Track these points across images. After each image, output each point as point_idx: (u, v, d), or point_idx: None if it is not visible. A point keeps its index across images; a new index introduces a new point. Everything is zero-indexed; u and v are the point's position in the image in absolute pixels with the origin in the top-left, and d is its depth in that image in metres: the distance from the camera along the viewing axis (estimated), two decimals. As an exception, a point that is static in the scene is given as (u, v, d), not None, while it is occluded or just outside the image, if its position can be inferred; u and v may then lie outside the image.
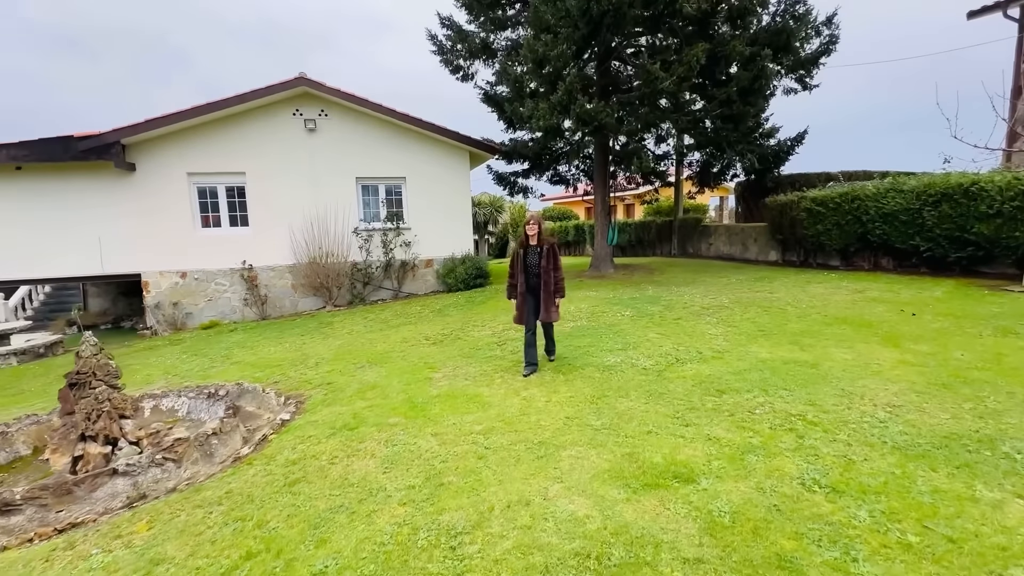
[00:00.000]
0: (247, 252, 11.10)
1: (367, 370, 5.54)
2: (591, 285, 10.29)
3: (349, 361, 6.05)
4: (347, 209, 11.57)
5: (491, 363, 5.33)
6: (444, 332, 7.20)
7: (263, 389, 5.20)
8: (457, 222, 12.48)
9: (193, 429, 4.22)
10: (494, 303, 9.44)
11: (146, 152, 10.45)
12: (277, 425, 4.13)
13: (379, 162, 11.79)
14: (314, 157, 11.34)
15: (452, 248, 12.32)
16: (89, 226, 10.31)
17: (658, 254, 17.13)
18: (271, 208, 11.16)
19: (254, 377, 5.76)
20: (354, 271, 11.63)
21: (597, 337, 5.91)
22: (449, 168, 12.29)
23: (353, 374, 5.43)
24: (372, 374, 5.34)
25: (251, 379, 5.67)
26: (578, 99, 7.93)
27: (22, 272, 10.30)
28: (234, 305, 11.15)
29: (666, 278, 10.58)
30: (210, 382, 5.48)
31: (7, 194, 9.96)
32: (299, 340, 7.87)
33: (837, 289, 7.70)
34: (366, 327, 8.39)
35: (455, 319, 8.26)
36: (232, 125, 10.84)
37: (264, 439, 3.89)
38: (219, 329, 10.12)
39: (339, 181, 11.55)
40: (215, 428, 3.97)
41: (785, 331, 5.52)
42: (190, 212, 10.80)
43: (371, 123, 11.65)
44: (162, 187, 10.57)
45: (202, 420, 4.59)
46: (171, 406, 4.91)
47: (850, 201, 9.45)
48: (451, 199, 12.37)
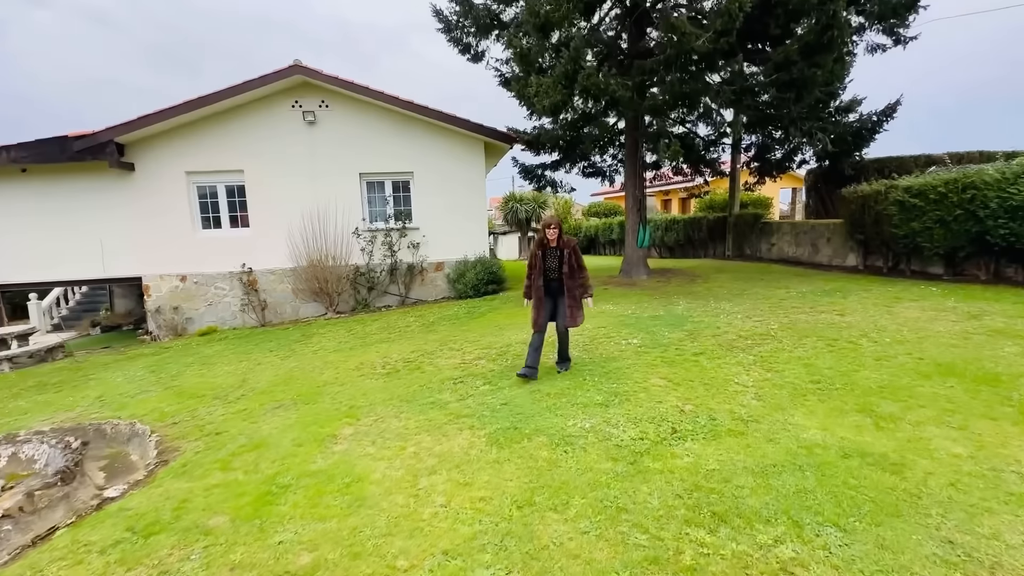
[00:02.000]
0: (247, 254, 10.46)
1: (277, 415, 4.38)
2: (614, 296, 8.63)
3: (274, 396, 4.94)
4: (349, 208, 10.64)
5: (424, 415, 3.98)
6: (411, 357, 5.94)
7: (149, 433, 4.20)
8: (471, 221, 11.20)
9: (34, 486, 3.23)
10: (493, 316, 8.07)
11: (144, 151, 10.04)
12: (91, 508, 3.03)
13: (384, 156, 10.75)
14: (315, 152, 10.49)
15: (465, 250, 11.06)
16: (92, 228, 10.08)
17: (710, 255, 14.93)
18: (271, 208, 10.45)
19: (163, 412, 4.80)
20: (356, 275, 10.69)
21: (580, 379, 4.38)
22: (462, 161, 11.02)
23: (257, 420, 4.29)
24: (276, 423, 4.16)
25: (158, 416, 4.71)
26: (584, 67, 6.34)
27: (29, 276, 10.26)
28: (234, 310, 10.58)
29: (707, 288, 8.68)
30: (100, 420, 4.56)
31: (14, 197, 9.91)
32: (260, 358, 6.94)
33: (940, 312, 5.60)
34: (338, 344, 7.32)
35: (438, 337, 6.98)
36: (229, 121, 10.21)
37: (52, 531, 2.80)
38: (211, 337, 9.52)
39: (341, 178, 10.63)
40: (19, 504, 2.94)
41: (854, 385, 3.72)
42: (189, 212, 10.31)
43: (375, 114, 10.62)
44: (161, 187, 10.14)
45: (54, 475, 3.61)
46: (31, 455, 3.99)
47: (961, 191, 7.13)
48: (464, 195, 11.10)
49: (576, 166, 13.14)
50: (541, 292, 4.74)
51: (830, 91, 7.58)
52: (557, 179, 12.99)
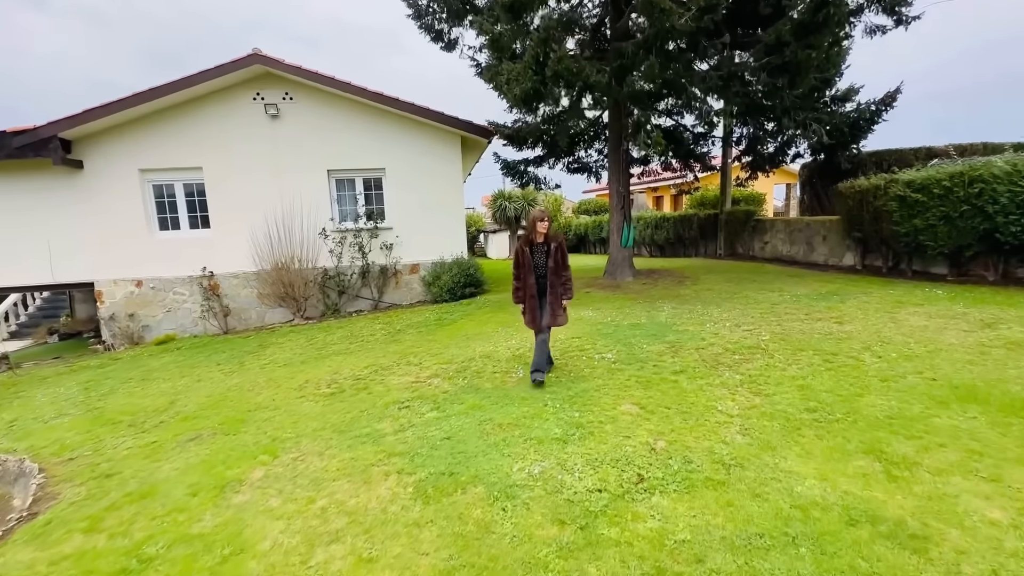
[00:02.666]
0: (208, 257, 9.80)
1: (188, 449, 3.76)
2: (595, 300, 8.04)
3: (196, 424, 4.32)
4: (317, 206, 9.99)
5: (353, 451, 3.37)
6: (362, 373, 5.32)
7: (36, 473, 3.57)
8: (447, 220, 10.58)
9: None
10: (464, 324, 7.45)
11: (94, 148, 9.35)
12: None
13: (354, 152, 10.10)
14: (279, 147, 9.83)
15: (441, 250, 10.45)
16: (37, 230, 9.39)
17: (701, 254, 14.35)
18: (234, 207, 9.78)
19: (66, 444, 4.18)
20: (325, 279, 10.05)
21: (539, 404, 3.78)
22: (437, 157, 10.39)
23: (162, 457, 3.67)
24: (180, 462, 3.54)
25: (57, 448, 4.09)
26: (555, 50, 5.73)
27: None
28: (194, 317, 9.91)
29: (695, 291, 8.09)
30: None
31: (-49, 197, 9.20)
32: (204, 373, 6.30)
33: (949, 319, 5.03)
34: (293, 356, 6.69)
35: (399, 348, 6.36)
36: (186, 115, 9.53)
37: None
38: (166, 347, 8.87)
39: (308, 174, 9.98)
40: None
41: (857, 415, 3.14)
42: (144, 213, 9.63)
43: (344, 107, 9.97)
44: (113, 186, 9.46)
45: None
46: None
47: (967, 185, 6.56)
48: (440, 193, 10.47)
49: (561, 162, 12.55)
50: (534, 290, 4.44)
51: (825, 78, 7.00)
52: (541, 175, 12.38)
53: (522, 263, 4.46)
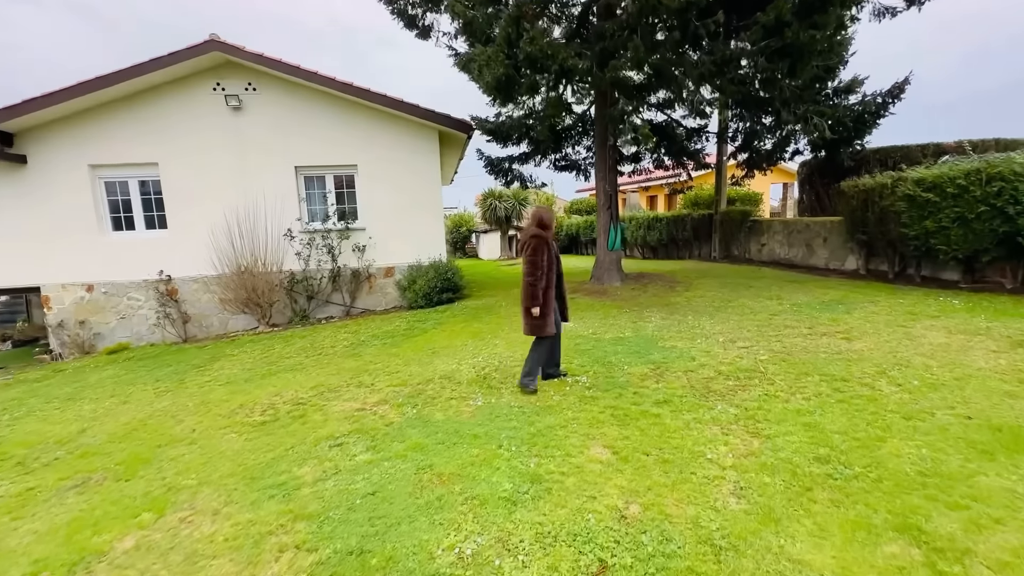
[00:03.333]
0: (166, 260, 9.10)
1: (64, 500, 3.09)
2: (578, 307, 7.39)
3: (92, 463, 3.64)
4: (283, 206, 9.30)
5: (255, 511, 2.71)
6: (305, 396, 4.66)
7: None
8: (424, 221, 9.90)
9: None
10: (434, 334, 6.79)
11: (39, 141, 8.64)
12: None
13: (325, 147, 9.42)
14: (242, 142, 9.14)
15: (418, 253, 9.78)
16: (-23, 231, 8.68)
17: (695, 256, 13.73)
18: (193, 206, 9.08)
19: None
20: (293, 283, 9.36)
21: (493, 444, 3.13)
22: (413, 153, 9.72)
23: (25, 511, 3.00)
24: (44, 520, 2.88)
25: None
26: (527, 29, 5.08)
27: None
28: (150, 324, 9.21)
29: (687, 299, 7.46)
30: None
31: None
32: (136, 392, 5.62)
33: (972, 336, 4.41)
34: (239, 372, 6.02)
35: (356, 364, 5.69)
36: (140, 107, 8.82)
37: None
38: (116, 357, 8.16)
39: (274, 171, 9.29)
40: None
41: (881, 468, 2.50)
42: (95, 212, 8.92)
43: (313, 99, 9.28)
44: (61, 182, 8.74)
45: None
46: None
47: (985, 183, 5.95)
48: (417, 191, 9.80)
49: (548, 159, 11.91)
50: (553, 292, 4.17)
51: (828, 66, 6.38)
52: (526, 173, 11.76)
53: (547, 261, 4.02)
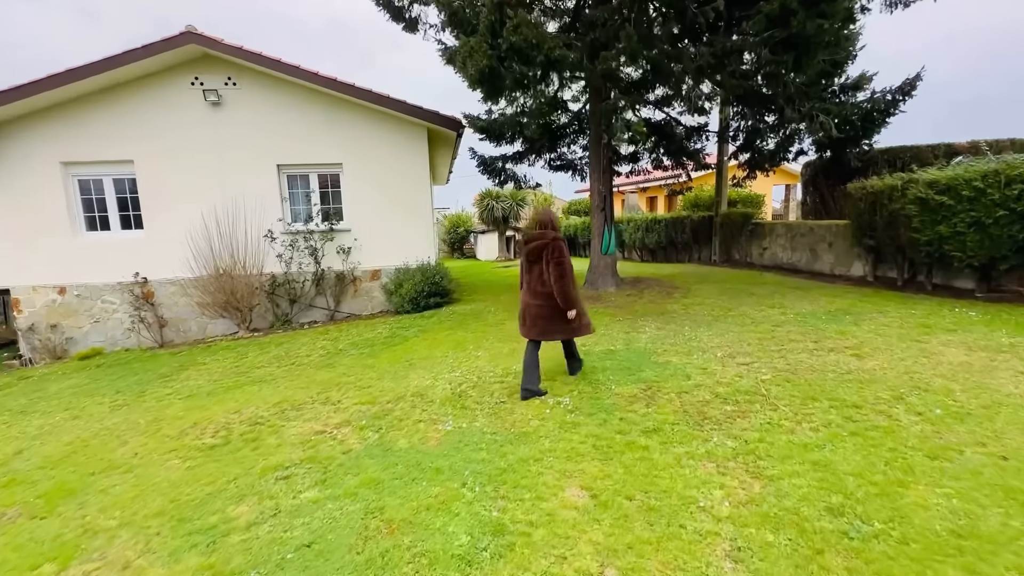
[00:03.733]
0: (142, 261, 8.71)
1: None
2: (570, 315, 7.00)
3: (16, 492, 3.26)
4: (264, 206, 8.91)
5: (171, 565, 2.32)
6: (264, 415, 4.27)
7: None
8: (412, 221, 9.51)
9: None
10: (415, 343, 6.40)
11: (9, 137, 8.26)
12: None
13: (308, 145, 9.03)
14: (221, 139, 8.75)
15: (405, 255, 9.38)
16: (-57, 230, 8.31)
17: (695, 260, 13.32)
18: (170, 206, 8.70)
19: None
20: (274, 286, 8.98)
21: (455, 482, 2.74)
22: (401, 151, 9.33)
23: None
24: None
25: None
26: (511, 16, 4.69)
27: None
28: (126, 328, 8.82)
29: (684, 307, 7.06)
30: None
31: None
32: (90, 405, 5.23)
33: (995, 352, 4.00)
34: (204, 383, 5.63)
35: (327, 377, 5.30)
36: (115, 102, 8.44)
37: None
38: (85, 364, 7.78)
39: (255, 170, 8.90)
40: None
41: (904, 523, 2.11)
42: (67, 211, 8.54)
43: (296, 95, 8.90)
44: (30, 180, 8.37)
45: None
46: None
47: (1004, 186, 5.54)
48: (404, 191, 9.41)
49: (542, 158, 11.52)
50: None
51: (836, 60, 5.97)
52: (520, 173, 11.36)
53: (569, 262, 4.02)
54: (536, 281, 4.00)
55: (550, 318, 3.96)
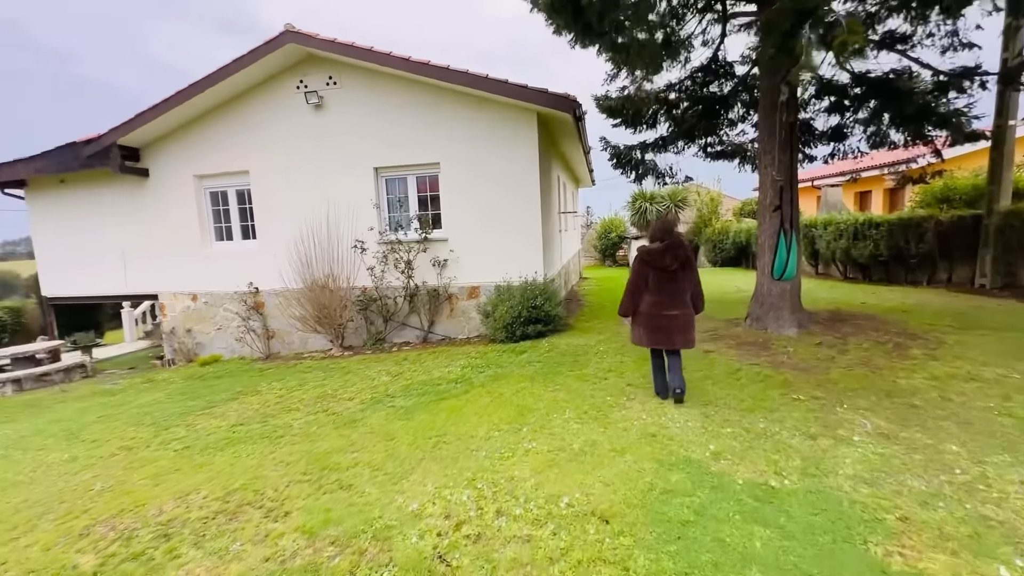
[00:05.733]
0: (256, 271, 8.69)
1: None
2: (707, 378, 4.43)
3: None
4: (359, 213, 8.14)
5: None
6: (194, 517, 2.92)
7: None
8: (518, 229, 7.78)
9: None
10: (475, 397, 4.59)
11: (157, 154, 8.94)
12: None
13: (406, 144, 7.97)
14: (322, 143, 8.23)
15: (507, 270, 7.70)
16: (114, 240, 9.38)
17: (943, 283, 8.86)
18: (278, 215, 8.51)
19: None
20: (367, 301, 8.13)
21: None
22: (506, 143, 7.67)
23: None
24: None
25: None
26: None
27: (63, 289, 10.00)
28: (236, 338, 8.91)
29: (938, 380, 3.88)
30: None
31: (55, 209, 9.67)
32: (122, 435, 4.65)
33: None
34: (225, 425, 4.68)
35: (325, 449, 3.83)
36: (233, 112, 8.52)
37: None
38: (194, 373, 7.86)
39: (352, 175, 8.18)
40: None
41: None
42: (199, 222, 8.93)
43: (392, 88, 7.91)
44: (172, 193, 8.95)
45: None
46: None
47: None
48: (508, 193, 7.74)
49: (696, 143, 8.73)
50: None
51: None
52: (663, 165, 8.76)
53: None
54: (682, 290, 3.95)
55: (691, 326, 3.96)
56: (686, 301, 3.95)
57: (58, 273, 9.85)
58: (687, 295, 3.94)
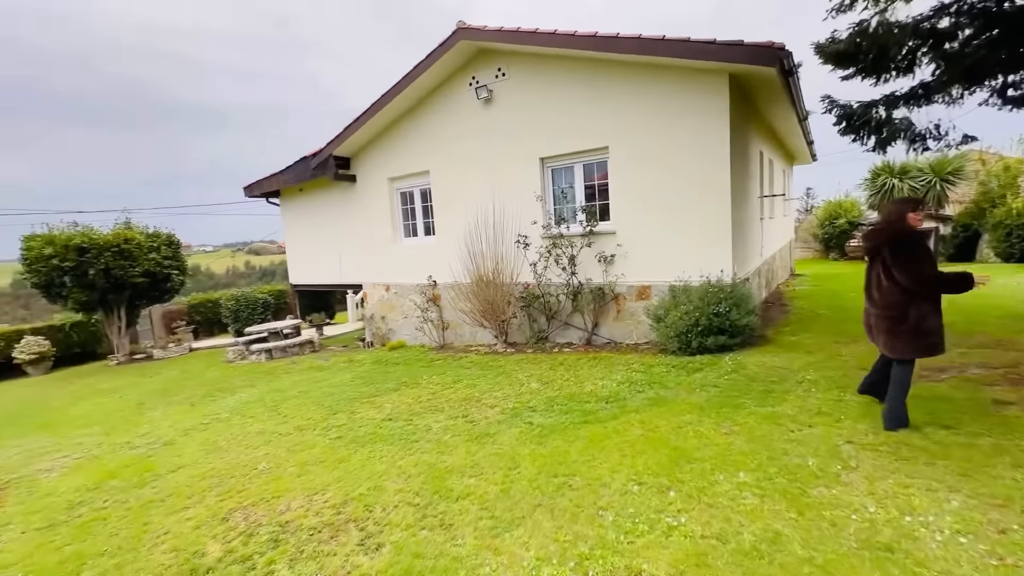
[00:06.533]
0: (434, 265, 9.27)
1: None
2: (1003, 452, 2.74)
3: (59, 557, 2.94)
4: (521, 207, 7.88)
5: None
6: (248, 550, 2.88)
7: None
8: (701, 219, 6.50)
9: None
10: (624, 425, 3.80)
11: (362, 162, 10.18)
12: None
13: (572, 132, 7.38)
14: (492, 138, 8.20)
15: (684, 267, 6.52)
16: (333, 237, 11.07)
17: None
18: (452, 211, 8.87)
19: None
20: (530, 298, 7.87)
21: None
22: (687, 119, 6.44)
23: None
24: None
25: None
26: None
27: (302, 278, 12.19)
28: (416, 328, 9.63)
29: None
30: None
31: (298, 212, 11.86)
32: (314, 414, 5.23)
33: None
34: (368, 423, 4.82)
35: (449, 464, 3.51)
36: (415, 117, 9.12)
37: None
38: (380, 358, 8.72)
39: (519, 167, 7.96)
40: None
41: None
42: (390, 220, 9.91)
43: (556, 70, 7.38)
44: (372, 194, 10.11)
45: None
46: None
47: None
48: (687, 179, 6.51)
49: (984, 85, 6.04)
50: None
51: None
52: (922, 122, 6.34)
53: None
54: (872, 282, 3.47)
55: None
56: (878, 297, 3.39)
57: (299, 264, 12.17)
58: (881, 289, 3.35)
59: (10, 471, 4.63)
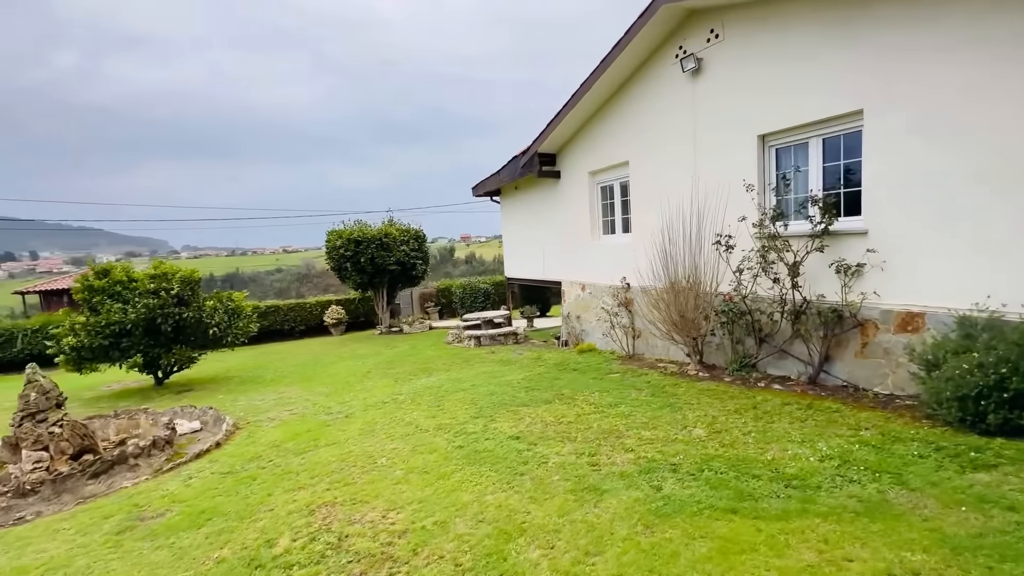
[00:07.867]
0: (628, 266, 8.43)
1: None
2: None
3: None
4: (728, 200, 6.30)
5: None
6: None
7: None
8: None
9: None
10: (862, 552, 2.46)
11: (565, 157, 9.99)
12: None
13: (806, 93, 5.50)
14: (697, 115, 6.86)
15: (992, 289, 4.11)
16: (539, 234, 11.21)
17: None
18: (647, 206, 7.88)
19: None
20: (734, 315, 6.31)
21: None
22: (1006, 56, 3.95)
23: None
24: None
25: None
26: None
27: (514, 272, 12.71)
28: (613, 332, 8.91)
29: None
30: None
31: (510, 209, 12.45)
32: (462, 415, 5.34)
33: None
34: (534, 432, 4.47)
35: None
36: (614, 107, 8.40)
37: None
38: (568, 360, 8.42)
39: (729, 149, 6.44)
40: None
41: None
42: (589, 216, 9.45)
43: (793, 18, 5.55)
44: (573, 190, 9.84)
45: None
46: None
47: None
48: (1011, 155, 4.01)
49: None
50: None
51: None
52: None
53: None
54: None
55: None
56: None
57: (512, 258, 12.85)
58: None
59: (256, 414, 6.07)
